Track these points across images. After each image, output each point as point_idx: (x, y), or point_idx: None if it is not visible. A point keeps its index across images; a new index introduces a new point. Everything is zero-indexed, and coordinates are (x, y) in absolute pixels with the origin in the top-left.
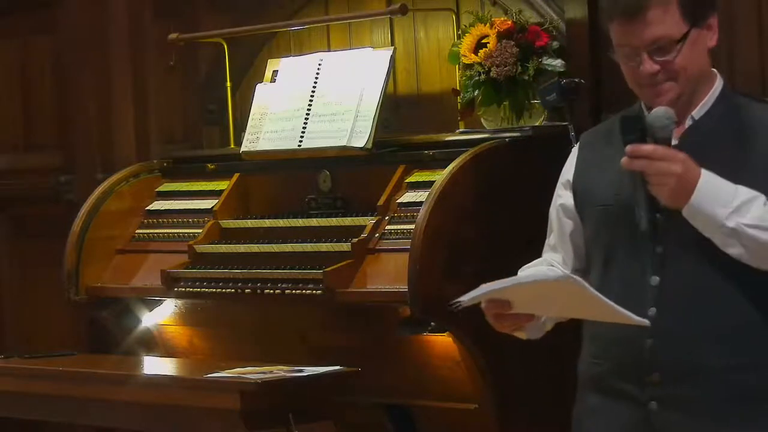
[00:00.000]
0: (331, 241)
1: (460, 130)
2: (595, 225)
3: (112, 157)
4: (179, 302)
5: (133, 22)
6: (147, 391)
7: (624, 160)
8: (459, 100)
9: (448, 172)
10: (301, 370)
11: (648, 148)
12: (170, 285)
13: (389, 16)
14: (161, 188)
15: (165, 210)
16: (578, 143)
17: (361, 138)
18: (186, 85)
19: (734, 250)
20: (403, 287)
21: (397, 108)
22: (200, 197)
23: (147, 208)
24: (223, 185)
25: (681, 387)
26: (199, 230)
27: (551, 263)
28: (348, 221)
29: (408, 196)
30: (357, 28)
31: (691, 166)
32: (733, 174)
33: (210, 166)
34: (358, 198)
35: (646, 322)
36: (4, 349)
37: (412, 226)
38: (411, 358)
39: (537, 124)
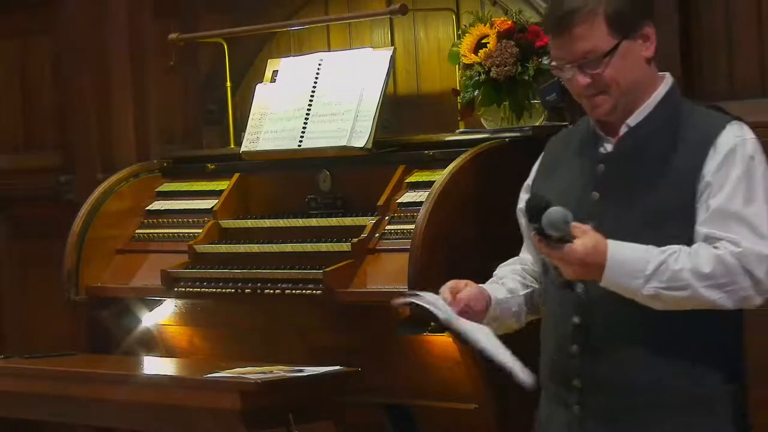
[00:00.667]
0: (331, 241)
1: (460, 130)
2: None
3: (112, 157)
4: (179, 302)
5: (133, 22)
6: (147, 391)
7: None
8: (459, 100)
9: (448, 172)
10: (301, 370)
11: (545, 250)
12: (170, 285)
13: (389, 16)
14: (161, 188)
15: (165, 210)
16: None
17: (361, 138)
18: (186, 85)
19: (658, 305)
20: (403, 287)
21: (397, 108)
22: (200, 197)
23: (147, 208)
24: (223, 185)
25: (599, 395)
26: (199, 230)
27: (525, 263)
28: (348, 221)
29: (408, 196)
30: (357, 28)
31: (595, 250)
32: (657, 185)
33: (210, 166)
34: (358, 198)
35: (527, 382)
36: (4, 349)
37: (412, 226)
38: (411, 358)
39: (537, 124)
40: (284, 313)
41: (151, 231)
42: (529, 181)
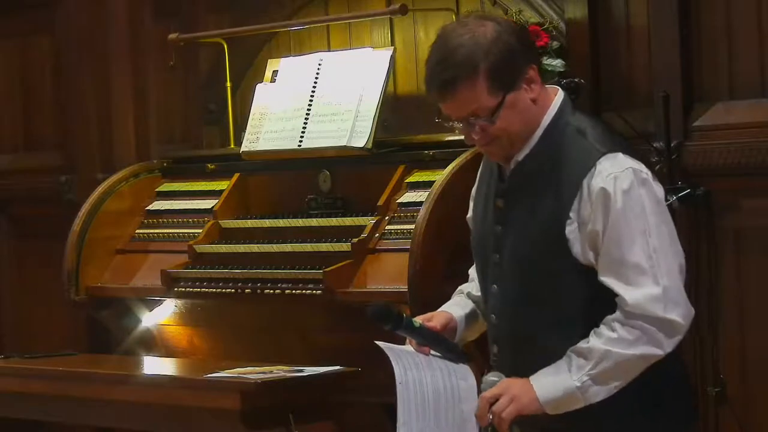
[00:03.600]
0: (331, 241)
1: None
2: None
3: (112, 157)
4: (179, 302)
5: (133, 22)
6: (147, 391)
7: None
8: None
9: (448, 172)
10: (301, 370)
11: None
12: (170, 285)
13: (389, 16)
14: (161, 188)
15: (165, 210)
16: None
17: (361, 138)
18: (186, 85)
19: (600, 391)
20: (403, 287)
21: (397, 108)
22: (200, 197)
23: (147, 208)
24: (223, 185)
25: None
26: (199, 230)
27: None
28: (348, 221)
29: (408, 196)
30: (357, 28)
31: (522, 391)
32: (533, 216)
33: (210, 166)
34: (358, 198)
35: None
36: (4, 349)
37: (412, 226)
38: None
39: None
40: (284, 313)
41: (151, 231)
42: (473, 189)
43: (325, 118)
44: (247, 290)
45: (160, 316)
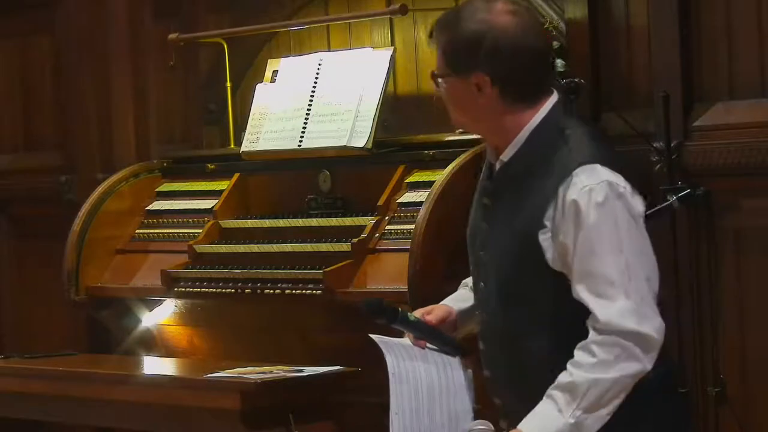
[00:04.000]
0: (331, 241)
1: (460, 130)
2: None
3: (112, 157)
4: (179, 302)
5: (133, 22)
6: (147, 391)
7: None
8: None
9: (448, 172)
10: (301, 370)
11: None
12: (170, 285)
13: (389, 16)
14: (161, 188)
15: (165, 210)
16: None
17: (361, 138)
18: (186, 85)
19: (596, 424)
20: (403, 287)
21: (397, 108)
22: (200, 197)
23: (147, 208)
24: (223, 185)
25: (520, 412)
26: (199, 230)
27: None
28: (348, 221)
29: (408, 196)
30: (357, 28)
31: None
32: (514, 218)
33: (210, 166)
34: (358, 198)
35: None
36: (4, 349)
37: (412, 226)
38: None
39: None
40: (284, 313)
41: (151, 231)
42: None
43: (325, 118)
44: (247, 290)
45: (160, 316)
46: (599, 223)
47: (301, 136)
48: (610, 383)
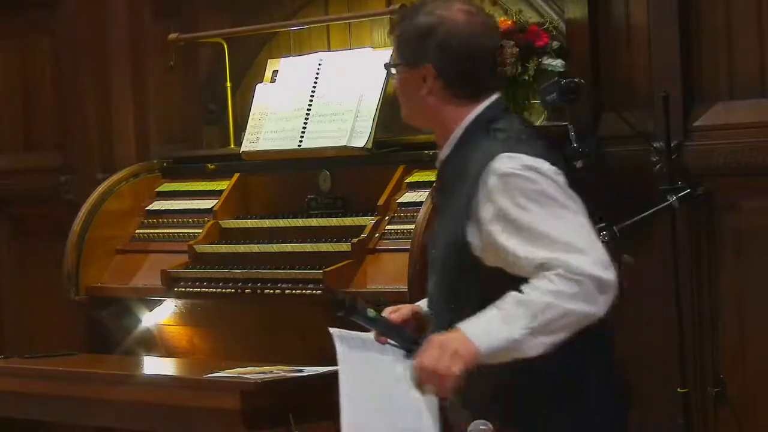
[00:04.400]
0: (331, 241)
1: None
2: None
3: (112, 157)
4: (179, 302)
5: (133, 22)
6: (147, 391)
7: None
8: None
9: None
10: (301, 370)
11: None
12: (170, 285)
13: (389, 16)
14: (161, 188)
15: (165, 210)
16: None
17: (361, 138)
18: (186, 85)
19: (538, 344)
20: (403, 287)
21: (397, 108)
22: (200, 197)
23: (147, 208)
24: (223, 185)
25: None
26: (199, 230)
27: None
28: (348, 221)
29: (408, 196)
30: (357, 28)
31: (461, 345)
32: (450, 216)
33: (210, 166)
34: (358, 198)
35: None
36: (4, 349)
37: (412, 226)
38: None
39: (537, 124)
40: (284, 313)
41: (151, 231)
42: None
43: (325, 118)
44: (247, 290)
45: (160, 316)
46: (525, 201)
47: (301, 136)
48: (564, 312)
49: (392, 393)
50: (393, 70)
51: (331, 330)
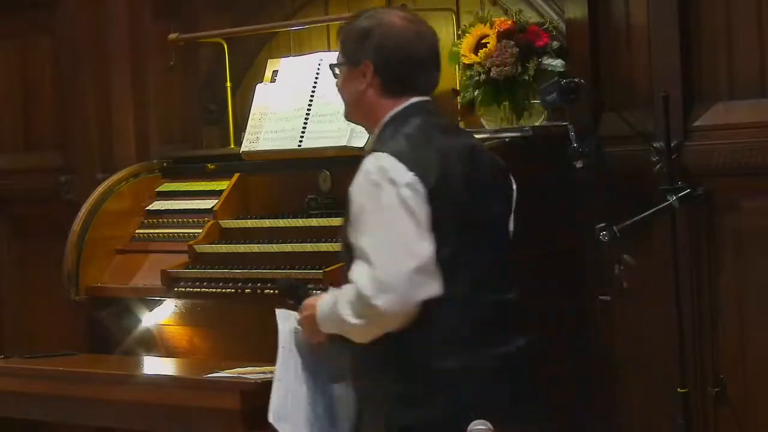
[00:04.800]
0: (331, 241)
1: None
2: None
3: (112, 157)
4: (179, 302)
5: (133, 22)
6: (147, 391)
7: None
8: (459, 100)
9: None
10: None
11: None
12: (170, 285)
13: None
14: (161, 188)
15: (165, 210)
16: None
17: (361, 138)
18: (186, 85)
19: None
20: None
21: None
22: (200, 197)
23: (147, 208)
24: (223, 185)
25: None
26: (199, 230)
27: None
28: None
29: None
30: None
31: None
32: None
33: (210, 166)
34: None
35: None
36: (4, 349)
37: None
38: None
39: (537, 124)
40: None
41: (151, 231)
42: None
43: (325, 118)
44: (247, 290)
45: (160, 316)
46: (364, 200)
47: (301, 136)
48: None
49: (316, 375)
50: (336, 70)
51: (278, 311)
